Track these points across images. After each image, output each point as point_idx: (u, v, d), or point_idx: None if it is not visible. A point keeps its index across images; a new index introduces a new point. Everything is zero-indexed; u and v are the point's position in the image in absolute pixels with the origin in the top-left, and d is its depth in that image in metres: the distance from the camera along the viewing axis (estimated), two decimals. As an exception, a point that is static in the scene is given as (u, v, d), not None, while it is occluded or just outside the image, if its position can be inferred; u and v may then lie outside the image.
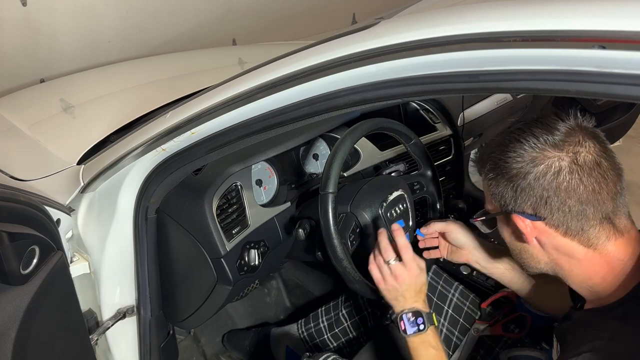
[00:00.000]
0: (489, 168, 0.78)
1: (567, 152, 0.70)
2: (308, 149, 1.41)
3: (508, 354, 1.06)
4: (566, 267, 0.77)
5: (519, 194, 0.74)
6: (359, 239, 1.06)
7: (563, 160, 0.70)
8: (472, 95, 1.78)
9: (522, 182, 0.73)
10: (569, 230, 0.73)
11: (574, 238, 0.73)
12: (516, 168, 0.73)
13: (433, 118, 1.71)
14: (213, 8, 2.35)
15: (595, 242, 0.73)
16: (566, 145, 0.70)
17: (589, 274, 0.75)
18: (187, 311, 1.21)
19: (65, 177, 1.14)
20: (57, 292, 0.91)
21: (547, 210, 0.72)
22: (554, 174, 0.70)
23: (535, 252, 0.80)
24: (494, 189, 0.78)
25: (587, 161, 0.70)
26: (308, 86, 0.73)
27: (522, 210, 0.75)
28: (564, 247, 0.75)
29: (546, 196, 0.71)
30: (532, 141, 0.71)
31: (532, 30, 0.50)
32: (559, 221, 0.73)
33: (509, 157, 0.73)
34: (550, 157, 0.71)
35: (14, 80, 1.93)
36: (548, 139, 0.71)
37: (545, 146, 0.71)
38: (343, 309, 1.46)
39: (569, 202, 0.71)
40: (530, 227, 0.76)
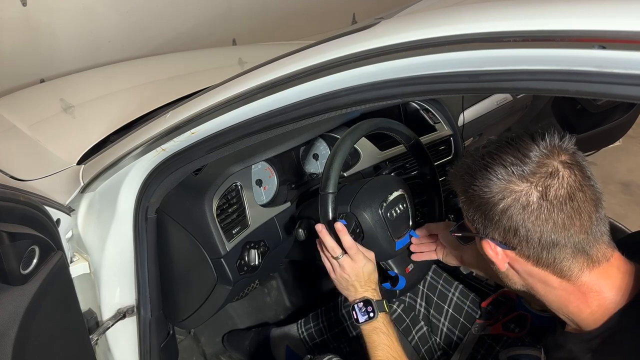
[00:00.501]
0: (460, 190, 0.76)
1: (537, 185, 0.67)
2: (308, 149, 1.41)
3: (508, 353, 1.06)
4: (541, 292, 0.76)
5: (488, 222, 0.72)
6: (359, 239, 1.06)
7: (531, 195, 0.67)
8: (472, 95, 1.78)
9: (489, 212, 0.70)
10: (541, 261, 0.71)
11: (546, 268, 0.71)
12: (484, 198, 0.70)
13: (433, 118, 1.71)
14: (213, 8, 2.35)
15: (569, 273, 0.70)
16: (536, 178, 0.67)
17: (564, 303, 0.74)
18: (187, 311, 1.21)
19: (65, 177, 1.14)
20: (57, 292, 0.91)
21: (516, 240, 0.70)
22: (522, 207, 0.67)
23: (511, 275, 0.78)
24: (466, 212, 0.76)
25: (558, 195, 0.66)
26: (308, 86, 0.73)
27: (493, 237, 0.73)
28: (537, 275, 0.73)
29: (514, 227, 0.69)
30: (500, 172, 0.68)
31: (532, 30, 0.50)
32: (529, 252, 0.70)
33: (475, 186, 0.71)
34: (517, 191, 0.67)
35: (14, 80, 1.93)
36: (516, 170, 0.67)
37: (513, 177, 0.67)
38: (343, 309, 1.46)
39: (537, 235, 0.68)
40: (502, 254, 0.74)
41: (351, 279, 0.97)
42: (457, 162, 0.80)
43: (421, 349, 1.24)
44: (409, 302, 1.29)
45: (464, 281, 1.30)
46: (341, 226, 0.96)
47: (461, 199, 0.76)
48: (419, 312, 1.27)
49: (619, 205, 2.63)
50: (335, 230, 0.96)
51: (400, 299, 1.30)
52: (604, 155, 2.83)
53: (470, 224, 0.78)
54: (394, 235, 1.08)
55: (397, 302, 1.30)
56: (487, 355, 1.15)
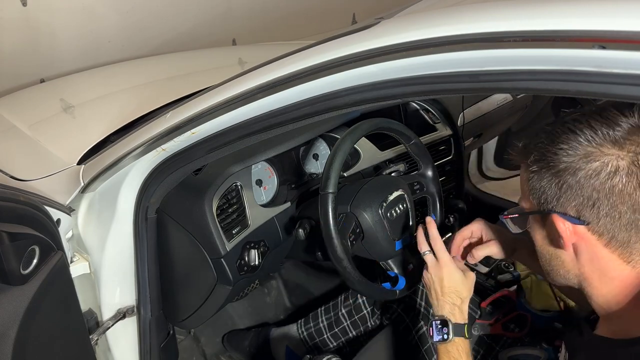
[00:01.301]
0: (534, 159, 0.69)
1: (628, 151, 0.61)
2: (308, 149, 1.41)
3: (508, 353, 1.06)
4: (596, 284, 0.70)
5: (565, 192, 0.65)
6: (359, 239, 1.06)
7: (622, 159, 0.61)
8: (472, 95, 1.78)
9: (570, 178, 0.64)
10: (613, 241, 0.65)
11: (615, 250, 0.65)
12: (566, 162, 0.64)
13: (433, 118, 1.71)
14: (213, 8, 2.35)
15: (637, 258, 0.65)
16: (627, 144, 0.61)
17: (618, 297, 0.68)
18: (187, 311, 1.21)
19: (65, 177, 1.14)
20: (57, 292, 0.91)
21: (593, 214, 0.64)
22: (609, 173, 0.61)
23: (568, 261, 0.72)
24: (536, 184, 0.69)
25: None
26: (308, 86, 0.73)
27: (565, 210, 0.66)
28: (600, 259, 0.67)
29: (595, 198, 0.63)
30: (589, 134, 0.62)
31: (532, 30, 0.50)
32: (604, 228, 0.64)
33: (559, 149, 0.65)
34: (608, 155, 0.62)
35: (14, 80, 1.92)
36: (608, 134, 0.62)
37: (604, 141, 0.62)
38: (343, 309, 1.46)
39: (620, 208, 0.62)
40: (571, 231, 0.67)
41: (432, 281, 0.92)
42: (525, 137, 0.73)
43: (421, 349, 1.24)
44: (409, 302, 1.29)
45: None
46: (430, 219, 0.94)
47: (532, 169, 0.69)
48: (418, 312, 1.27)
49: (619, 205, 2.61)
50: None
51: (400, 299, 1.30)
52: (604, 155, 2.81)
53: (533, 202, 0.72)
54: (394, 235, 1.08)
55: (397, 302, 1.30)
56: (486, 356, 1.15)
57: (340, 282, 1.88)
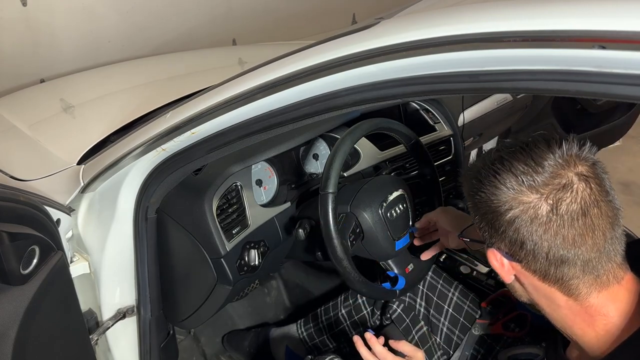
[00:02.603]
0: (468, 194, 0.72)
1: (547, 198, 0.62)
2: (308, 149, 1.41)
3: (508, 352, 1.06)
4: (547, 309, 0.73)
5: (495, 231, 0.68)
6: (359, 239, 1.06)
7: (540, 208, 0.63)
8: (472, 95, 1.78)
9: (496, 221, 0.67)
10: (548, 277, 0.67)
11: (553, 285, 0.68)
12: (491, 206, 0.67)
13: (433, 118, 1.71)
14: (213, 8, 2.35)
15: (576, 292, 0.66)
16: (548, 189, 0.62)
17: (569, 323, 0.70)
18: (187, 311, 1.21)
19: (65, 177, 1.14)
20: (57, 292, 0.91)
21: (522, 253, 0.67)
22: (530, 220, 0.63)
23: (517, 287, 0.75)
24: (474, 217, 0.73)
25: (570, 210, 0.62)
26: (308, 86, 0.73)
27: (500, 247, 0.70)
28: (543, 290, 0.70)
29: (521, 240, 0.65)
30: (510, 181, 0.64)
31: (532, 30, 0.50)
32: (535, 266, 0.67)
33: (483, 192, 0.67)
34: (526, 202, 0.63)
35: (14, 80, 1.92)
36: (527, 180, 0.63)
37: (523, 187, 0.63)
38: (342, 309, 1.46)
39: (545, 250, 0.64)
40: (508, 266, 0.71)
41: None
42: (469, 164, 0.76)
43: (421, 349, 1.24)
44: (409, 302, 1.29)
45: (464, 281, 1.30)
46: (370, 335, 0.97)
47: (469, 204, 0.73)
48: (419, 312, 1.27)
49: (619, 206, 2.62)
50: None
51: (400, 299, 1.30)
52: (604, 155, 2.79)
53: (478, 230, 0.75)
54: (394, 235, 1.08)
55: (397, 302, 1.30)
56: (487, 355, 1.15)
57: (340, 282, 1.88)
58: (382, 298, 1.31)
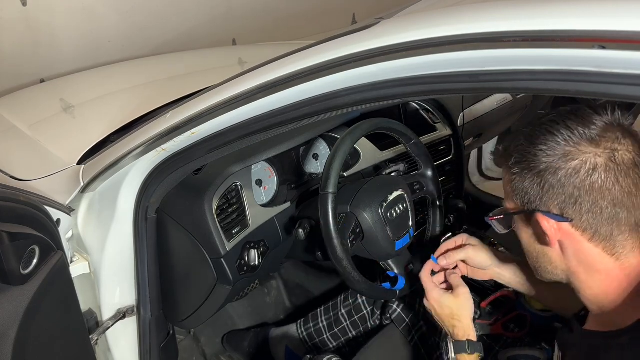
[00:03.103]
0: (515, 161, 0.71)
1: (604, 148, 0.64)
2: (308, 149, 1.41)
3: (507, 353, 1.06)
4: (583, 277, 0.72)
5: (547, 191, 0.68)
6: (359, 239, 1.06)
7: (599, 157, 0.64)
8: (472, 95, 1.78)
9: (551, 178, 0.67)
10: (597, 235, 0.67)
11: (599, 244, 0.67)
12: (546, 162, 0.67)
13: (433, 118, 1.71)
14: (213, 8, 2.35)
15: (621, 250, 0.67)
16: (603, 141, 0.64)
17: (605, 289, 0.70)
18: (187, 311, 1.21)
19: (65, 177, 1.14)
20: (57, 292, 0.91)
21: (576, 210, 0.66)
22: (589, 171, 0.64)
23: (555, 257, 0.74)
24: (518, 185, 0.72)
25: (625, 160, 0.64)
26: (308, 86, 0.73)
27: (548, 209, 0.69)
28: (586, 254, 0.69)
29: (577, 195, 0.65)
30: (566, 134, 0.65)
31: (532, 30, 0.50)
32: (587, 224, 0.66)
33: (539, 150, 0.67)
34: (586, 153, 0.64)
35: (14, 80, 1.92)
36: (584, 133, 0.65)
37: (581, 140, 0.65)
38: (342, 309, 1.46)
39: (601, 204, 0.65)
40: (555, 228, 0.69)
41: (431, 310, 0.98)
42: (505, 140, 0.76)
43: (421, 349, 1.24)
44: (409, 302, 1.29)
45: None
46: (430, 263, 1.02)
47: (513, 171, 0.72)
48: (418, 312, 1.27)
49: (619, 206, 2.61)
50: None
51: (400, 299, 1.30)
52: (603, 156, 2.81)
53: (517, 202, 0.74)
54: (394, 235, 1.08)
55: (397, 302, 1.30)
56: (486, 356, 1.15)
57: (340, 282, 1.89)
58: (382, 298, 1.31)
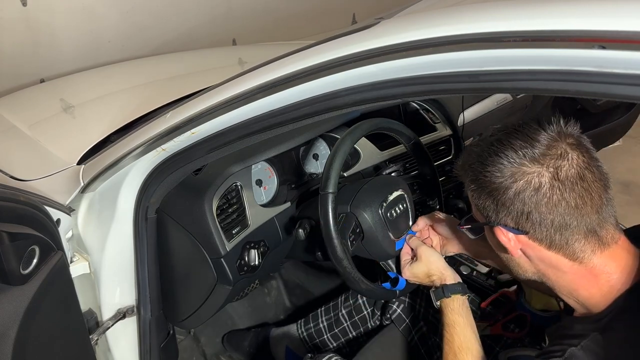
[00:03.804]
0: (470, 179, 0.76)
1: (548, 166, 0.68)
2: (308, 149, 1.41)
3: (508, 353, 1.06)
4: (553, 278, 0.77)
5: (500, 208, 0.73)
6: (359, 239, 1.06)
7: (543, 176, 0.68)
8: (472, 95, 1.78)
9: (501, 197, 0.71)
10: (553, 244, 0.72)
11: (558, 251, 0.72)
12: (496, 183, 0.71)
13: (433, 118, 1.71)
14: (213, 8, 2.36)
15: (581, 255, 0.71)
16: (547, 159, 0.68)
17: (575, 287, 0.75)
18: (187, 311, 1.21)
19: (65, 177, 1.14)
20: (57, 292, 0.91)
21: (529, 224, 0.71)
22: (534, 189, 0.68)
23: (522, 262, 0.79)
24: (477, 201, 0.77)
25: (569, 176, 0.68)
26: (308, 86, 0.73)
27: (505, 223, 0.74)
28: (549, 259, 0.74)
29: (527, 211, 0.70)
30: (511, 156, 0.69)
31: (532, 30, 0.50)
32: (542, 235, 0.71)
33: (487, 172, 0.72)
34: (530, 173, 0.69)
35: (14, 80, 1.93)
36: (527, 153, 0.69)
37: (524, 160, 0.69)
38: (343, 309, 1.46)
39: (550, 217, 0.69)
40: (514, 240, 0.75)
41: (419, 278, 1.01)
42: (462, 154, 0.80)
43: (421, 349, 1.24)
44: (409, 303, 1.29)
45: (464, 281, 1.30)
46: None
47: (471, 188, 0.77)
48: (419, 312, 1.27)
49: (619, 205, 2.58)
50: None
51: (400, 299, 1.30)
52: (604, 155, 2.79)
53: (479, 214, 0.79)
54: (394, 235, 1.08)
55: (397, 302, 1.30)
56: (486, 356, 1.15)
57: (340, 283, 1.89)
58: (382, 298, 1.31)
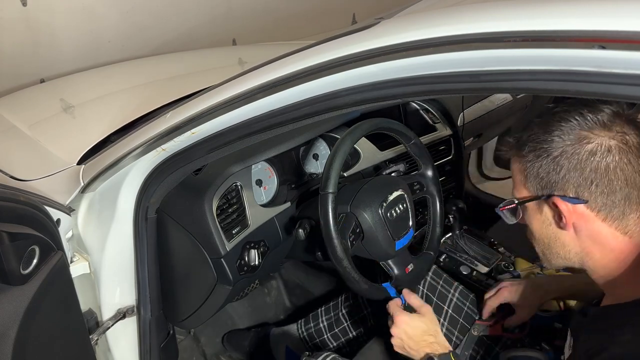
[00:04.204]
0: (529, 149, 0.74)
1: (616, 132, 0.68)
2: (308, 149, 1.41)
3: (507, 354, 1.06)
4: (597, 256, 0.74)
5: (563, 175, 0.71)
6: (359, 239, 1.06)
7: (612, 139, 0.68)
8: (472, 95, 1.78)
9: (567, 162, 0.70)
10: (610, 215, 0.70)
11: (612, 223, 0.70)
12: (562, 147, 0.70)
13: (433, 118, 1.71)
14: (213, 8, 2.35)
15: (634, 228, 0.70)
16: (614, 126, 0.68)
17: (619, 265, 0.72)
18: (187, 311, 1.21)
19: (65, 177, 1.14)
20: (57, 292, 0.91)
21: (591, 192, 0.69)
22: (604, 153, 0.68)
23: (568, 240, 0.76)
24: (534, 171, 0.74)
25: (635, 143, 0.68)
26: (308, 86, 0.73)
27: (564, 192, 0.71)
28: (599, 234, 0.72)
29: (593, 177, 0.68)
30: (580, 120, 0.69)
31: (532, 30, 0.50)
32: (602, 204, 0.70)
33: (554, 136, 0.71)
34: (600, 136, 0.68)
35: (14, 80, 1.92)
36: (597, 119, 0.69)
37: (594, 125, 0.69)
38: (343, 309, 1.46)
39: (615, 184, 0.68)
40: (571, 211, 0.72)
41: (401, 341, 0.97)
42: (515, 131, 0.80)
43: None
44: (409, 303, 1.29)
45: (464, 282, 1.30)
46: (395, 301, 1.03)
47: (528, 158, 0.74)
48: (419, 312, 1.27)
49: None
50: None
51: (400, 299, 1.30)
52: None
53: (531, 190, 0.76)
54: (394, 235, 1.08)
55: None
56: (486, 356, 1.15)
57: (341, 282, 1.88)
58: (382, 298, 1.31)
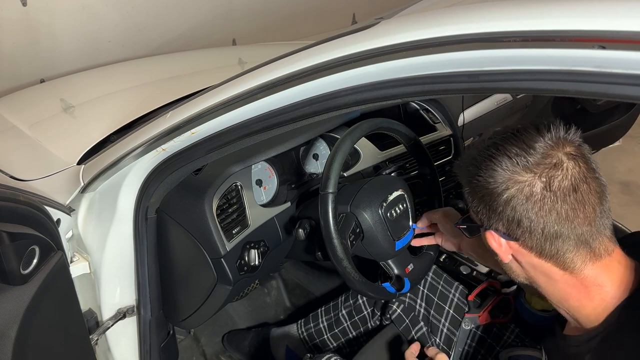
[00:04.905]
0: (465, 182, 0.77)
1: (541, 176, 0.67)
2: (308, 149, 1.41)
3: (508, 353, 1.06)
4: (543, 285, 0.76)
5: (492, 213, 0.73)
6: (359, 239, 1.06)
7: (535, 185, 0.67)
8: (472, 95, 1.78)
9: (493, 202, 0.71)
10: (543, 253, 0.71)
11: (549, 260, 0.71)
12: (488, 188, 0.71)
13: (433, 118, 1.71)
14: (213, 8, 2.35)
15: (572, 266, 0.70)
16: (540, 168, 0.67)
17: (566, 297, 0.74)
18: (187, 311, 1.21)
19: (65, 177, 1.14)
20: (57, 292, 0.91)
21: (519, 231, 0.71)
22: (525, 198, 0.68)
23: (514, 267, 0.78)
24: (471, 203, 0.77)
25: (562, 187, 0.67)
26: (308, 86, 0.73)
27: (497, 228, 0.74)
28: (540, 267, 0.73)
29: (517, 218, 0.69)
30: (505, 162, 0.69)
31: (532, 30, 0.50)
32: (532, 243, 0.71)
33: (480, 176, 0.72)
34: (521, 182, 0.68)
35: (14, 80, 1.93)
36: (521, 161, 0.68)
37: (517, 168, 0.68)
38: (343, 309, 1.46)
39: (540, 226, 0.68)
40: (505, 245, 0.74)
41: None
42: (462, 155, 0.80)
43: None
44: (409, 303, 1.29)
45: (464, 282, 1.30)
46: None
47: (466, 190, 0.77)
48: (418, 313, 1.27)
49: (619, 205, 2.63)
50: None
51: (400, 300, 1.30)
52: (604, 155, 2.83)
53: (475, 216, 0.79)
54: (394, 235, 1.08)
55: (397, 302, 1.30)
56: (487, 356, 1.15)
57: (340, 283, 1.89)
58: (382, 298, 1.31)
